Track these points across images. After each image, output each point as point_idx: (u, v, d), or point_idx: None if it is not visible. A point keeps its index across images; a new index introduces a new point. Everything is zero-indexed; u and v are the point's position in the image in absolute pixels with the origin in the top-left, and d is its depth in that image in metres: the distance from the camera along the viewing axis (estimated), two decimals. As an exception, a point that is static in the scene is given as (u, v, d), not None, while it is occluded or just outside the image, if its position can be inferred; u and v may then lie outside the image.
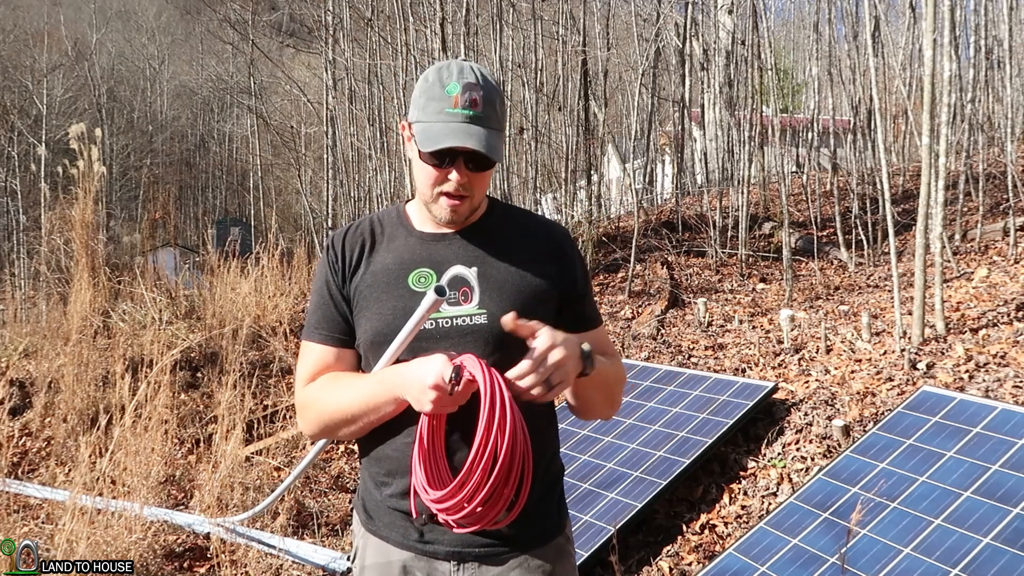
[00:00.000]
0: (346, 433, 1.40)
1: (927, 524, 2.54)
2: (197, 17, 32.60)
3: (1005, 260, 5.78)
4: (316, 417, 1.42)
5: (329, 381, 1.43)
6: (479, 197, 1.43)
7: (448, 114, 1.33)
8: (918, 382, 3.74)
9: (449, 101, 1.33)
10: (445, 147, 1.32)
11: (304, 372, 1.47)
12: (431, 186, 1.39)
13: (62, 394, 5.32)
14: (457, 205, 1.39)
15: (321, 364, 1.46)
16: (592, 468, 3.59)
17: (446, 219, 1.42)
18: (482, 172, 1.39)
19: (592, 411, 1.53)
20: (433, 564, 1.41)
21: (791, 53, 18.44)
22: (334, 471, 4.57)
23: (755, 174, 9.50)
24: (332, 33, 11.13)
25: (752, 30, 9.19)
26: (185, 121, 35.06)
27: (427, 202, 1.42)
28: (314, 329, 1.47)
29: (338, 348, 1.46)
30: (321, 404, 1.41)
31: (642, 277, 7.40)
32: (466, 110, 1.32)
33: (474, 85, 1.33)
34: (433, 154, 1.35)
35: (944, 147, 4.61)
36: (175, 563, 3.57)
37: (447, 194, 1.39)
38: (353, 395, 1.37)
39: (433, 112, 1.34)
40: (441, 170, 1.37)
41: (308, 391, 1.44)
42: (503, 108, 1.40)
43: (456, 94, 1.33)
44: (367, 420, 1.37)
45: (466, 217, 1.44)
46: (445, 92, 1.34)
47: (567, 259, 1.48)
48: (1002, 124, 7.58)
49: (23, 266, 15.42)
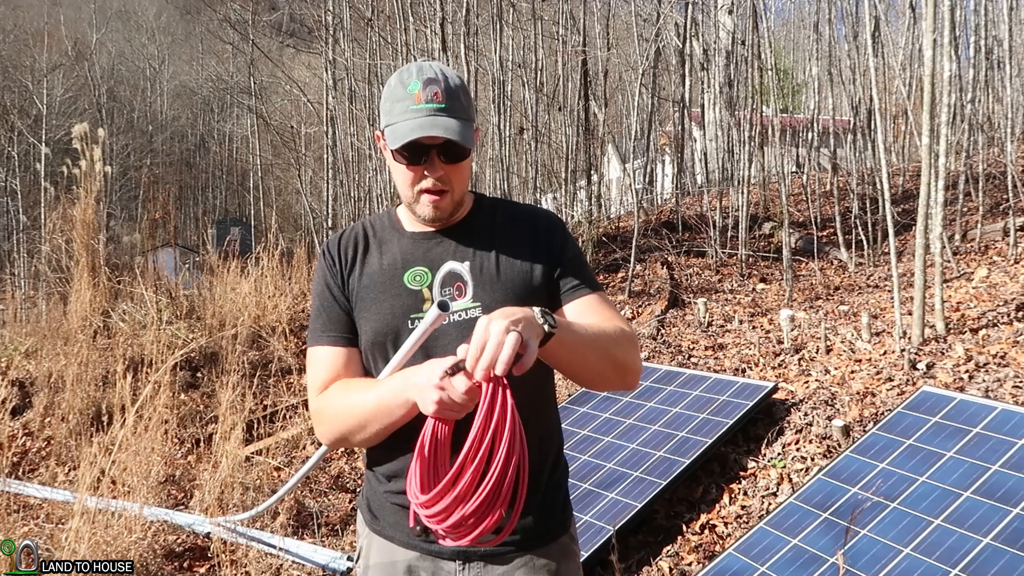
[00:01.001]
0: (361, 439, 1.38)
1: (927, 524, 2.54)
2: (197, 17, 32.60)
3: (1005, 260, 5.78)
4: (330, 425, 1.40)
5: (341, 388, 1.41)
6: (460, 190, 1.43)
7: (413, 111, 1.35)
8: (918, 382, 3.74)
9: (412, 99, 1.35)
10: (412, 139, 1.33)
11: (317, 379, 1.45)
12: (410, 186, 1.41)
13: (62, 394, 5.33)
14: (438, 200, 1.40)
15: (333, 367, 1.44)
16: (592, 468, 3.59)
17: (430, 216, 1.42)
18: (457, 164, 1.39)
19: (598, 377, 1.40)
20: (438, 564, 1.41)
21: (791, 53, 18.45)
22: (334, 471, 4.57)
23: (755, 174, 9.50)
24: (332, 33, 11.13)
25: (752, 30, 9.19)
26: (185, 121, 35.08)
27: (410, 204, 1.43)
28: (321, 333, 1.46)
29: (348, 348, 1.45)
30: (334, 411, 1.39)
31: (642, 277, 7.41)
32: (429, 104, 1.34)
33: (434, 80, 1.36)
34: (404, 150, 1.36)
35: (944, 147, 4.62)
36: (175, 563, 3.58)
37: (427, 191, 1.40)
38: (365, 400, 1.35)
39: (399, 113, 1.37)
40: (416, 168, 1.38)
41: (321, 399, 1.42)
42: (468, 100, 1.41)
43: (418, 91, 1.35)
44: (381, 425, 1.34)
45: (451, 212, 1.44)
46: (407, 91, 1.36)
47: (556, 240, 1.48)
48: (1002, 124, 7.58)
49: (23, 266, 15.42)
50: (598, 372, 1.37)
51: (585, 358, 1.33)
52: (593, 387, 1.46)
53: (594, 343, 1.33)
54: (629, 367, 1.40)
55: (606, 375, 1.39)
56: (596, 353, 1.34)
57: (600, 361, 1.35)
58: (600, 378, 1.41)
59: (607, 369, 1.37)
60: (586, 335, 1.31)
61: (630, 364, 1.40)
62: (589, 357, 1.34)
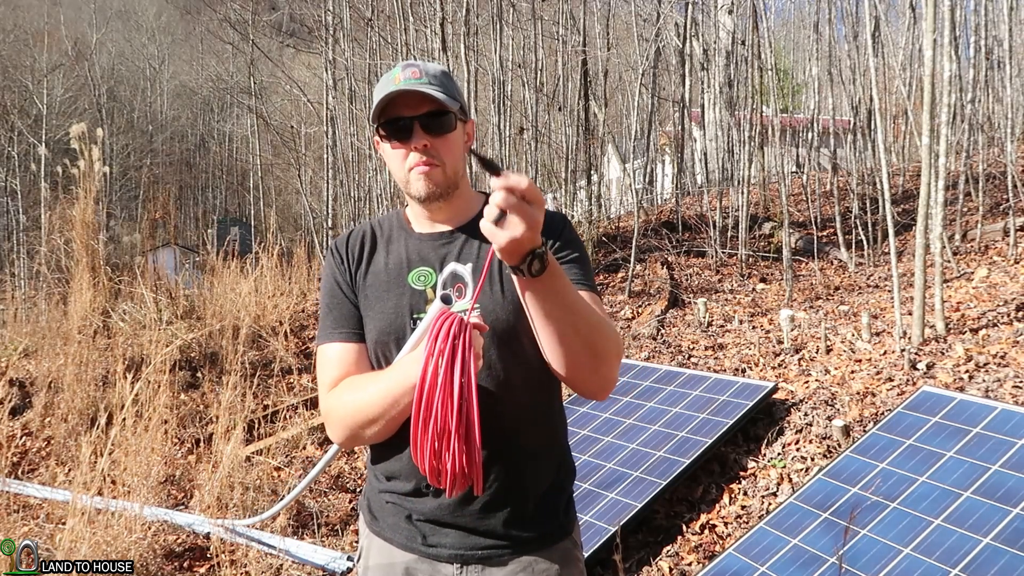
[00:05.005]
0: (372, 434, 1.37)
1: (927, 524, 2.54)
2: (197, 17, 32.63)
3: (1005, 260, 5.78)
4: (341, 422, 1.39)
5: (347, 386, 1.41)
6: (452, 166, 1.42)
7: (392, 89, 1.39)
8: (918, 382, 3.74)
9: (392, 81, 1.40)
10: (387, 97, 1.36)
11: (328, 377, 1.44)
12: (402, 164, 1.41)
13: (62, 394, 5.32)
14: (428, 171, 1.40)
15: (344, 364, 1.44)
16: (592, 468, 3.59)
17: (424, 191, 1.41)
18: (442, 135, 1.40)
19: (572, 357, 1.29)
20: (436, 566, 1.41)
21: (791, 53, 18.44)
22: (334, 471, 4.57)
23: (755, 174, 9.50)
24: (332, 33, 11.13)
25: (752, 30, 9.18)
26: (185, 121, 35.09)
27: (405, 186, 1.44)
28: (332, 330, 1.46)
29: (358, 344, 1.45)
30: (344, 408, 1.38)
31: (642, 277, 7.40)
32: (408, 80, 1.39)
33: (412, 64, 1.42)
34: (388, 125, 1.39)
35: (944, 147, 4.62)
36: (175, 563, 3.58)
37: (416, 165, 1.40)
38: (372, 393, 1.35)
39: (382, 95, 1.40)
40: (403, 144, 1.39)
41: (330, 399, 1.42)
42: (452, 84, 1.44)
43: (398, 74, 1.41)
44: (390, 416, 1.33)
45: (446, 187, 1.43)
46: (389, 79, 1.41)
47: (554, 239, 1.45)
48: (1002, 124, 7.58)
49: (23, 266, 15.42)
50: (574, 350, 1.27)
51: (568, 323, 1.24)
52: (564, 369, 1.31)
53: (582, 313, 1.26)
54: (605, 363, 1.32)
55: (581, 359, 1.29)
56: (580, 325, 1.26)
57: (579, 338, 1.26)
58: (574, 359, 1.29)
59: (583, 351, 1.28)
60: (578, 301, 1.25)
61: (607, 361, 1.32)
62: (573, 323, 1.25)
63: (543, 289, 1.19)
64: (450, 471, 1.24)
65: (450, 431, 1.22)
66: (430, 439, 1.23)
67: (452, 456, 1.23)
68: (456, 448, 1.23)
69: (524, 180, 1.07)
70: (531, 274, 1.15)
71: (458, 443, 1.22)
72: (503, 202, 1.07)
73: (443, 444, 1.23)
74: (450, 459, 1.23)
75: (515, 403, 1.40)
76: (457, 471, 1.24)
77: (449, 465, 1.24)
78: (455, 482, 1.25)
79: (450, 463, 1.23)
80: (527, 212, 1.08)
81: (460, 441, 1.22)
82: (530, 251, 1.12)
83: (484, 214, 1.11)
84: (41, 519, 3.91)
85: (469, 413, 1.23)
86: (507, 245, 1.10)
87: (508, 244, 1.10)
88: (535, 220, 1.09)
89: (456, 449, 1.23)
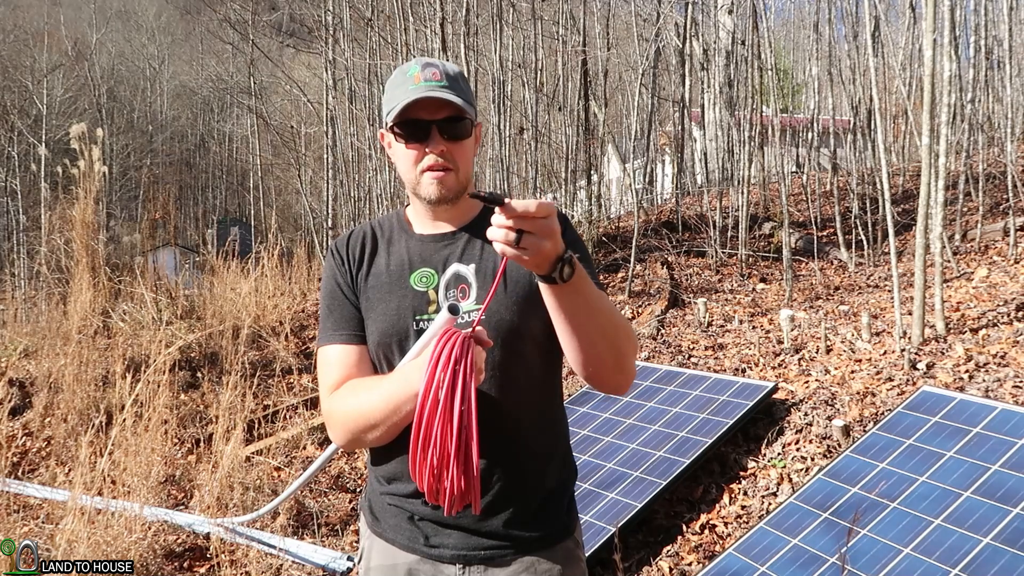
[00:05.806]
0: (373, 438, 1.36)
1: (927, 524, 2.54)
2: (197, 17, 32.64)
3: (1005, 260, 5.78)
4: (342, 426, 1.38)
5: (350, 388, 1.40)
6: (464, 172, 1.42)
7: (412, 89, 1.36)
8: (918, 382, 3.74)
9: (411, 80, 1.37)
10: (411, 102, 1.34)
11: (329, 380, 1.43)
12: (413, 166, 1.39)
13: (62, 394, 5.32)
14: (442, 176, 1.38)
15: (345, 366, 1.43)
16: (592, 468, 3.59)
17: (435, 196, 1.40)
18: (459, 141, 1.39)
19: (595, 356, 1.28)
20: (439, 567, 1.40)
21: (791, 53, 18.43)
22: (334, 471, 4.57)
23: (755, 174, 9.50)
24: (332, 33, 11.13)
25: (752, 30, 9.18)
26: (185, 121, 35.11)
27: (414, 187, 1.42)
28: (333, 332, 1.45)
29: (360, 346, 1.44)
30: (345, 412, 1.38)
31: (642, 277, 7.40)
32: (428, 82, 1.36)
33: (432, 63, 1.38)
34: (405, 126, 1.37)
35: (944, 147, 4.62)
36: (175, 563, 3.58)
37: (429, 168, 1.39)
38: (374, 398, 1.34)
39: (399, 96, 1.37)
40: (417, 145, 1.38)
41: (332, 401, 1.41)
42: (468, 87, 1.43)
43: (416, 72, 1.37)
44: (391, 422, 1.32)
45: (456, 193, 1.42)
46: (407, 76, 1.38)
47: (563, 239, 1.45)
48: (1002, 124, 7.59)
49: (23, 266, 15.42)
50: (601, 350, 1.28)
51: (595, 324, 1.25)
52: (586, 367, 1.31)
53: (607, 312, 1.26)
54: (626, 361, 1.33)
55: (604, 357, 1.29)
56: (606, 326, 1.26)
57: (606, 339, 1.27)
58: (597, 358, 1.29)
59: (607, 350, 1.28)
60: (601, 299, 1.26)
61: (627, 359, 1.33)
62: (599, 325, 1.26)
63: (572, 292, 1.19)
64: (448, 492, 1.25)
65: (449, 455, 1.23)
66: (429, 463, 1.24)
67: (451, 479, 1.24)
68: (455, 473, 1.24)
69: (532, 204, 1.08)
70: (563, 279, 1.15)
71: (456, 468, 1.24)
72: (517, 226, 1.08)
73: (442, 467, 1.24)
74: (449, 482, 1.24)
75: (518, 403, 1.39)
76: (455, 493, 1.25)
77: (448, 487, 1.25)
78: (453, 503, 1.26)
79: (449, 484, 1.25)
80: (542, 225, 1.09)
81: (459, 465, 1.24)
82: (557, 258, 1.13)
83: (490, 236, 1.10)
84: (41, 519, 3.91)
85: (468, 440, 1.23)
86: (535, 260, 1.11)
87: (536, 259, 1.10)
88: (552, 229, 1.10)
89: (455, 473, 1.24)
